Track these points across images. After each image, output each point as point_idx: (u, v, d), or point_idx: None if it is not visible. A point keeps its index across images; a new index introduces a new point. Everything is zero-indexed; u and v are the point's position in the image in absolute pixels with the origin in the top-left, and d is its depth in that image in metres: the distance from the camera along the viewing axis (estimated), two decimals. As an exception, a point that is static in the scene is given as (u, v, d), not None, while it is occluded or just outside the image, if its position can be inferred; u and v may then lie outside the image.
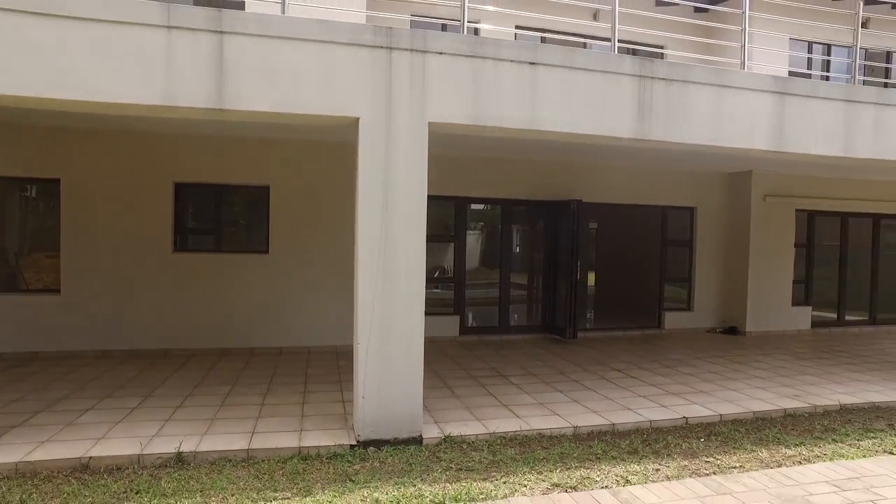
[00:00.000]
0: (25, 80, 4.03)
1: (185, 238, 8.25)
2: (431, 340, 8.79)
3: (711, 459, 4.45)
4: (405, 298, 4.72)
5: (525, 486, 3.85)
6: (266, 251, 8.32)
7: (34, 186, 7.96)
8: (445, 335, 9.18)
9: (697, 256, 11.00)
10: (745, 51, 6.03)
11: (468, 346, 8.78)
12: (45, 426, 4.85)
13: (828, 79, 11.29)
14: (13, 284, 7.76)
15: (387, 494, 3.69)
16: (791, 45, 11.25)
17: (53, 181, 7.70)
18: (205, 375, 6.68)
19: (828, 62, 11.94)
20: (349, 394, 5.79)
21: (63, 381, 6.27)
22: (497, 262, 9.86)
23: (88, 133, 7.60)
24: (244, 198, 8.54)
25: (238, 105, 4.40)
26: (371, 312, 4.66)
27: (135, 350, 7.71)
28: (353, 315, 4.83)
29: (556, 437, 4.94)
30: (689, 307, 11.04)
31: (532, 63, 4.96)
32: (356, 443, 4.63)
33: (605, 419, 5.40)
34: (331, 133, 6.93)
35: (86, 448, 4.39)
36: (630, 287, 11.09)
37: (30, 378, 6.38)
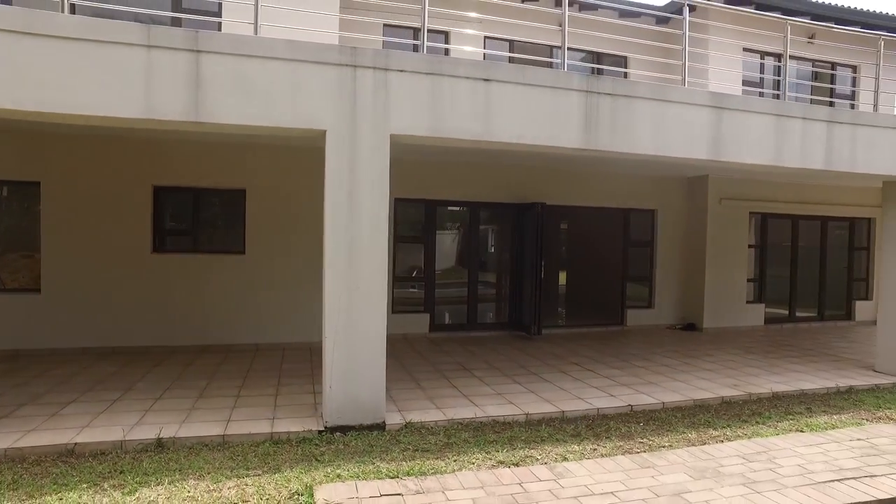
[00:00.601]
0: (17, 97, 4.36)
1: (164, 239, 8.56)
2: (402, 337, 9.25)
3: (645, 440, 4.94)
4: (369, 295, 5.13)
5: (473, 464, 4.30)
6: (242, 252, 8.67)
7: (5, 187, 8.17)
8: (416, 332, 9.59)
9: (658, 256, 11.58)
10: (686, 68, 6.56)
11: (437, 343, 9.21)
12: (31, 417, 5.17)
13: (778, 88, 11.94)
14: (-6, 284, 8.01)
15: (348, 471, 4.12)
16: (745, 56, 11.86)
17: (34, 184, 7.97)
18: (183, 370, 7.02)
19: (780, 73, 12.59)
20: (320, 386, 6.18)
21: (44, 377, 6.55)
22: (466, 263, 10.32)
23: (69, 138, 7.87)
24: (221, 201, 8.88)
25: (214, 118, 4.78)
26: (338, 308, 5.07)
27: (115, 347, 8.00)
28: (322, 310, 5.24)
29: (509, 423, 5.40)
30: (651, 305, 11.62)
31: (486, 79, 5.41)
32: (324, 429, 5.03)
33: (556, 407, 5.87)
34: (302, 141, 7.31)
35: (71, 435, 4.73)
36: (595, 286, 11.61)
37: (11, 374, 6.65)
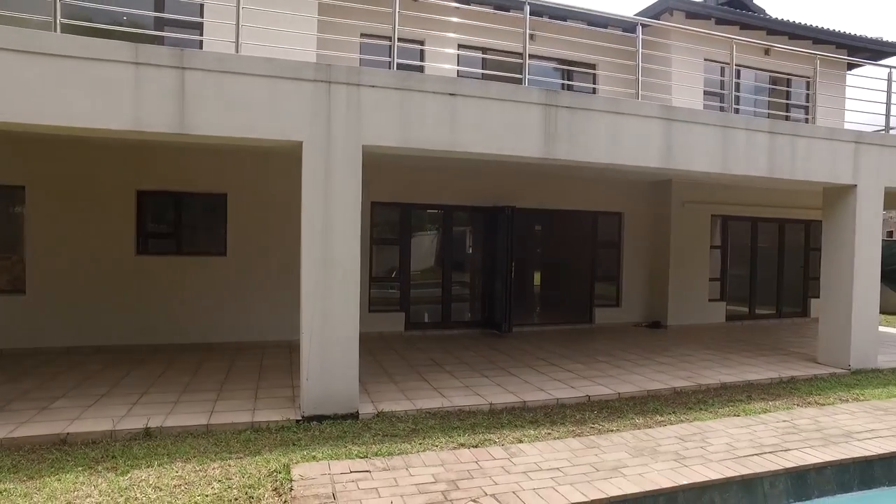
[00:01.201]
0: (14, 110, 4.69)
1: (148, 242, 8.86)
2: (379, 336, 9.66)
3: (596, 426, 5.41)
4: (343, 293, 5.54)
5: (436, 446, 4.73)
6: (224, 253, 9.02)
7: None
8: (392, 330, 10.00)
9: (625, 257, 12.14)
10: (639, 83, 7.07)
11: (412, 341, 9.63)
12: (22, 411, 5.47)
13: (738, 99, 12.59)
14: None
15: (322, 453, 4.53)
16: (707, 67, 12.47)
17: (19, 188, 8.23)
18: (167, 368, 7.34)
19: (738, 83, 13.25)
20: (299, 380, 6.54)
21: (32, 375, 6.82)
22: (441, 264, 10.76)
23: (54, 143, 8.14)
24: (204, 204, 9.20)
25: (198, 130, 5.15)
26: (314, 308, 5.47)
27: (99, 346, 8.29)
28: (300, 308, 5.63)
29: (473, 412, 5.84)
30: (618, 303, 12.17)
31: (452, 94, 5.86)
32: (301, 418, 5.42)
33: (519, 398, 6.33)
34: (282, 149, 7.68)
35: (63, 426, 5.05)
36: (565, 285, 12.11)
37: (-1, 372, 6.93)
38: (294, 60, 5.44)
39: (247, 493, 3.87)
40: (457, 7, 9.41)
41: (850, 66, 13.70)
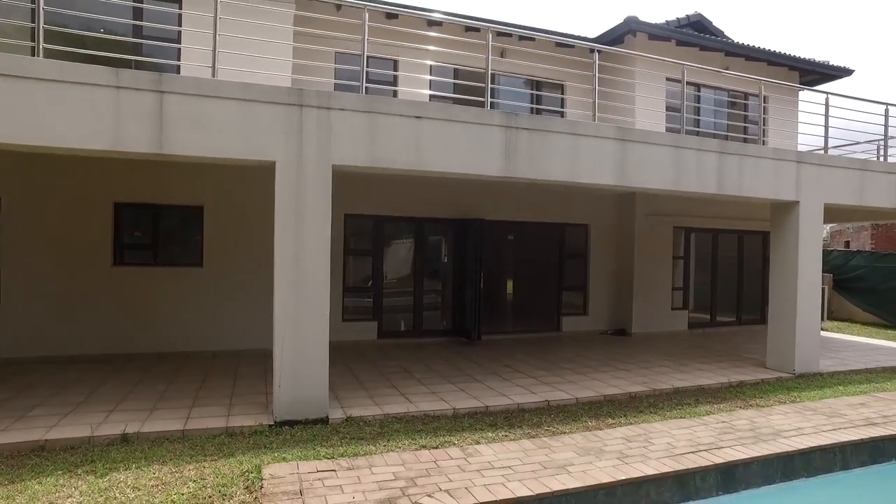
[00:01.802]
0: (2, 132, 4.94)
1: (124, 253, 9.07)
2: (352, 344, 9.96)
3: (551, 428, 5.80)
4: (313, 303, 5.86)
5: (399, 448, 5.08)
6: (200, 265, 9.26)
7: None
8: (365, 339, 10.31)
9: (591, 267, 12.62)
10: (595, 105, 7.53)
11: (384, 349, 9.94)
12: None
13: (698, 112, 13.21)
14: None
15: (292, 454, 4.84)
16: (669, 85, 13.04)
17: (-4, 200, 8.38)
18: (143, 376, 7.56)
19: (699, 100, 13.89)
20: (272, 387, 6.84)
21: (8, 384, 6.96)
22: (413, 274, 11.11)
23: (31, 156, 8.28)
24: (180, 216, 9.43)
25: (175, 150, 5.45)
26: (286, 317, 5.78)
27: (74, 356, 8.44)
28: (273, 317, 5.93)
29: (437, 417, 6.18)
30: (585, 312, 12.64)
31: (417, 117, 6.24)
32: (274, 423, 5.71)
33: (482, 403, 6.69)
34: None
35: (41, 433, 5.27)
36: (533, 295, 12.53)
37: (-25, 382, 7.07)
38: (268, 85, 5.78)
39: (220, 492, 4.17)
40: (429, 26, 9.82)
41: (811, 84, 14.47)
